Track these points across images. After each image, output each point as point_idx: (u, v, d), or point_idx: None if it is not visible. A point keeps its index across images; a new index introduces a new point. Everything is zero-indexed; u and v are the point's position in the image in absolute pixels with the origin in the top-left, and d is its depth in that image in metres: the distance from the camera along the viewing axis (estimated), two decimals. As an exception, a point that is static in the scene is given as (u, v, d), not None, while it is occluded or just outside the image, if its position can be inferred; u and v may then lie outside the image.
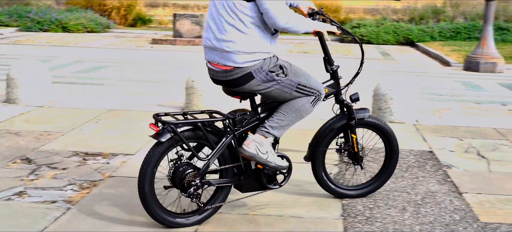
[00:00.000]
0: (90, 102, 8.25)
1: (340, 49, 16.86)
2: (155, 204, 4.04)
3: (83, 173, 5.21)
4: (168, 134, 3.93)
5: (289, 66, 4.17)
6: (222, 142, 4.09)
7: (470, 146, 6.53)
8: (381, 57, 15.36)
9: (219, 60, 4.06)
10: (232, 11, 3.96)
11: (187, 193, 4.03)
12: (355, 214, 4.47)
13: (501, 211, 4.63)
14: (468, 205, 4.74)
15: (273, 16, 3.94)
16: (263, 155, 4.15)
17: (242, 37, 3.97)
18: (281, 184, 4.39)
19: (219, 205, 4.23)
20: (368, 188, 4.85)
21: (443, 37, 18.41)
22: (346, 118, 4.59)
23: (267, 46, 4.06)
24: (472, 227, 4.30)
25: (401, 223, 4.33)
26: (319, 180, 4.70)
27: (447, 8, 20.72)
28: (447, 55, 15.10)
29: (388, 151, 4.81)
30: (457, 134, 7.05)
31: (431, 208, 4.64)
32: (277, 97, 4.20)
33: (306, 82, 4.21)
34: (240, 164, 4.22)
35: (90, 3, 22.05)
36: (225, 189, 4.25)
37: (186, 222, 4.15)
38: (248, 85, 4.08)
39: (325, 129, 4.60)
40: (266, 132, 4.17)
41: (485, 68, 13.01)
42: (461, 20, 19.49)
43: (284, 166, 4.30)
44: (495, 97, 9.90)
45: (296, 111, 4.21)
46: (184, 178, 4.03)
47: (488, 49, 13.16)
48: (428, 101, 9.19)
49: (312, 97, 4.23)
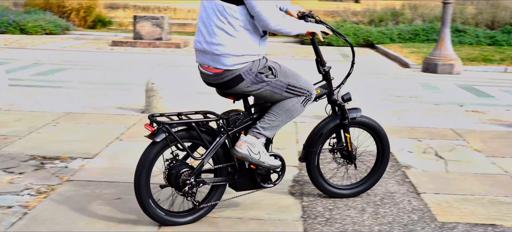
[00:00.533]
0: (48, 105, 8.14)
1: (301, 51, 16.95)
2: (151, 203, 4.11)
3: (41, 177, 5.13)
4: (163, 134, 4.02)
5: (278, 67, 4.26)
6: (216, 141, 4.18)
7: (428, 147, 6.62)
8: (342, 59, 15.47)
9: (210, 63, 4.14)
10: (221, 15, 4.03)
11: (182, 192, 4.12)
12: (315, 215, 4.49)
13: (458, 211, 4.70)
14: (426, 205, 4.80)
15: (265, 19, 4.02)
16: (255, 155, 4.24)
17: (231, 40, 4.04)
18: (275, 182, 4.47)
19: (214, 204, 4.32)
20: (362, 187, 4.95)
21: (402, 39, 18.63)
22: (339, 117, 4.70)
23: (256, 49, 4.13)
24: (429, 227, 4.35)
25: (360, 223, 4.36)
26: (314, 180, 4.79)
27: (406, 10, 20.98)
28: (406, 57, 15.29)
29: (380, 149, 4.92)
30: (416, 135, 7.14)
31: (390, 209, 4.69)
32: (268, 98, 4.29)
33: (296, 83, 4.29)
34: (234, 163, 4.31)
35: (49, 4, 21.74)
36: (220, 188, 4.35)
37: (182, 220, 4.23)
38: (239, 87, 4.17)
39: (319, 130, 4.69)
40: (257, 132, 4.27)
41: (443, 69, 13.22)
42: (420, 23, 19.74)
43: (277, 165, 4.39)
44: (453, 99, 10.06)
45: (287, 111, 4.30)
46: (179, 177, 4.11)
47: (445, 51, 13.37)
48: (387, 103, 9.29)
49: (302, 97, 4.32)
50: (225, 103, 5.12)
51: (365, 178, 5.00)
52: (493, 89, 11.28)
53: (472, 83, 11.99)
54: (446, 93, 10.56)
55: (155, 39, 16.95)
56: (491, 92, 10.98)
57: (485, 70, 14.09)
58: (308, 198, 4.85)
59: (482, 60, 14.90)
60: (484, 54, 15.72)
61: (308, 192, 4.97)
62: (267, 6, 4.01)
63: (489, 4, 20.49)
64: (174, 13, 23.81)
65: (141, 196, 4.07)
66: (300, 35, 4.23)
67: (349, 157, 4.84)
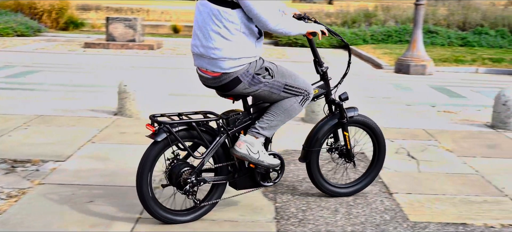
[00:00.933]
0: (20, 108, 8.04)
1: (274, 53, 16.96)
2: (153, 202, 4.17)
3: (11, 180, 5.07)
4: (164, 133, 4.09)
5: (275, 68, 4.32)
6: (216, 141, 4.25)
7: (401, 147, 6.67)
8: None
9: (207, 66, 4.18)
10: (217, 19, 4.06)
11: (183, 190, 4.19)
12: (288, 216, 4.50)
13: (430, 210, 4.75)
14: (398, 205, 4.84)
15: (264, 19, 4.05)
16: (254, 154, 4.31)
17: (227, 44, 4.07)
18: (275, 181, 4.56)
19: (215, 202, 4.39)
20: (360, 185, 5.03)
21: (375, 40, 18.76)
22: (338, 116, 4.79)
23: (252, 51, 4.17)
24: (402, 227, 4.39)
25: (333, 224, 4.38)
26: (314, 179, 4.85)
27: (379, 12, 21.15)
28: (379, 58, 15.40)
29: (377, 147, 5.01)
30: (388, 135, 7.19)
31: (362, 209, 4.71)
32: (266, 98, 4.35)
33: (293, 83, 4.35)
34: (234, 162, 4.39)
35: (20, 6, 21.52)
36: (220, 187, 4.42)
37: (184, 218, 4.29)
38: (237, 89, 4.22)
39: (318, 129, 4.76)
40: (256, 132, 4.33)
41: (415, 70, 13.33)
42: (392, 24, 19.90)
43: (276, 164, 4.45)
44: (425, 99, 10.15)
45: (285, 111, 4.35)
46: (180, 176, 4.18)
47: (418, 52, 13.49)
48: (360, 104, 9.33)
49: (300, 97, 4.38)
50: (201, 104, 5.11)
51: (363, 176, 5.08)
52: (465, 90, 11.40)
53: (444, 84, 12.11)
54: (418, 94, 10.65)
55: (128, 41, 16.86)
56: (463, 92, 11.10)
57: (456, 71, 14.24)
58: (281, 199, 4.86)
59: (453, 61, 15.07)
60: (455, 55, 15.90)
61: (282, 193, 4.98)
62: (265, 7, 4.04)
63: (461, 6, 20.74)
64: (147, 15, 23.74)
65: (143, 195, 4.11)
66: (299, 35, 4.43)
67: (348, 156, 4.90)
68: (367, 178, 5.06)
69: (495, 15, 20.00)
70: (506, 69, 14.44)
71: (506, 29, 19.12)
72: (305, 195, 4.95)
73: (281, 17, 4.15)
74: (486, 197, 5.11)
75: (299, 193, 5.00)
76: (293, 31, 4.25)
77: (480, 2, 21.36)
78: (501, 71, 14.36)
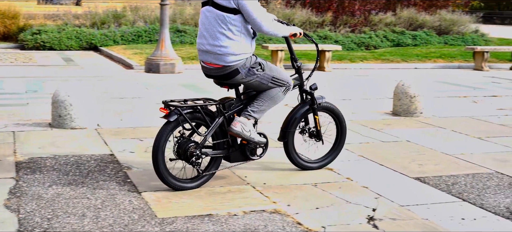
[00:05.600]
0: None
1: (20, 57, 16.17)
2: (165, 171, 5.11)
3: None
4: (175, 115, 5.06)
5: (265, 63, 5.38)
6: (215, 121, 5.25)
7: (150, 145, 6.73)
8: (64, 63, 15.09)
9: (212, 60, 5.22)
10: (223, 22, 5.12)
11: (190, 162, 5.14)
12: (33, 227, 4.33)
13: (177, 205, 4.88)
14: (146, 203, 4.90)
15: (259, 22, 5.12)
16: (247, 132, 5.30)
17: (231, 43, 5.13)
18: (261, 155, 5.55)
19: (213, 172, 5.38)
20: (326, 160, 6.01)
21: (125, 41, 18.71)
22: (309, 103, 5.77)
23: (248, 48, 5.25)
24: (150, 224, 4.45)
25: (80, 229, 4.31)
26: (290, 156, 5.81)
27: (127, 12, 21.07)
28: (130, 58, 15.41)
29: (339, 129, 6.02)
30: (138, 135, 7.25)
31: (110, 211, 4.69)
32: (257, 87, 5.40)
33: (279, 76, 5.43)
34: (228, 139, 5.37)
35: None
36: (217, 160, 5.39)
37: (190, 185, 5.24)
38: (235, 79, 5.27)
39: (294, 114, 5.75)
40: (248, 115, 5.34)
41: (165, 69, 13.56)
42: (142, 24, 20.00)
43: (263, 141, 5.49)
44: (174, 96, 10.29)
45: (271, 98, 5.41)
46: (187, 150, 5.13)
47: (166, 51, 13.73)
48: (110, 105, 9.28)
49: (283, 87, 5.46)
50: None
51: (328, 153, 6.04)
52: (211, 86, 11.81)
53: (193, 81, 12.47)
54: (168, 92, 10.84)
55: None
56: (209, 88, 11.51)
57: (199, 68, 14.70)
58: (25, 210, 4.65)
59: (201, 59, 15.55)
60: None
61: (26, 203, 4.78)
62: (261, 13, 5.12)
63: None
64: None
65: (159, 166, 5.04)
66: (284, 36, 5.47)
67: (318, 136, 5.89)
68: (332, 155, 6.03)
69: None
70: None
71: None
72: (51, 202, 4.81)
73: (272, 21, 5.27)
74: (230, 187, 5.38)
75: (45, 201, 4.84)
76: (280, 33, 5.34)
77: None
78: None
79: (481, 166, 6.32)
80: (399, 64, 16.79)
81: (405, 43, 20.62)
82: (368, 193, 5.33)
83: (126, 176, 5.60)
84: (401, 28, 21.76)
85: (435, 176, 5.89)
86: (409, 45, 20.56)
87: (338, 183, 5.61)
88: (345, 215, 4.80)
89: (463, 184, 5.67)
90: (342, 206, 4.99)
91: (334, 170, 5.98)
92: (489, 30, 24.49)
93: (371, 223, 4.64)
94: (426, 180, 5.76)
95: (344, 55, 17.44)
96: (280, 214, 4.76)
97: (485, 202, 5.20)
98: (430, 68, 16.69)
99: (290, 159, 5.84)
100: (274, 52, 14.80)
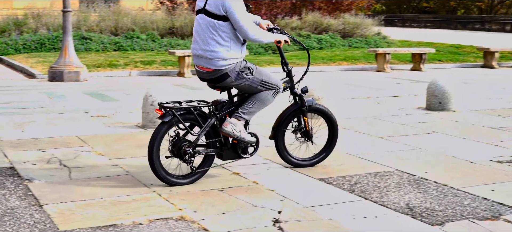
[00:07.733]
0: None
1: None
2: (160, 168, 5.45)
3: None
4: (169, 116, 5.41)
5: (255, 67, 5.68)
6: (208, 122, 5.59)
7: (53, 156, 6.58)
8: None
9: (204, 64, 5.58)
10: (213, 29, 5.48)
11: (183, 160, 5.50)
12: None
13: (80, 216, 4.77)
14: (48, 216, 4.77)
15: (245, 30, 5.46)
16: (237, 133, 5.63)
17: (221, 48, 5.48)
18: (252, 154, 5.88)
19: (206, 169, 5.72)
20: (317, 159, 6.34)
21: (27, 49, 18.13)
22: (299, 105, 6.10)
23: (238, 54, 5.58)
24: (51, 238, 4.33)
25: (-23, 247, 4.15)
26: (281, 153, 6.19)
27: (29, 20, 20.42)
28: (32, 67, 14.96)
29: (331, 129, 6.35)
30: (40, 146, 7.05)
31: (10, 226, 4.54)
32: (247, 90, 5.72)
33: (268, 80, 5.73)
34: (221, 139, 5.68)
35: None
36: (210, 158, 5.73)
37: (184, 181, 5.59)
38: (225, 82, 5.60)
39: (284, 114, 6.11)
40: (239, 116, 5.67)
41: (69, 77, 13.23)
42: (45, 32, 19.43)
43: (253, 141, 5.81)
44: (79, 105, 10.15)
45: (261, 101, 5.72)
46: (181, 148, 5.49)
47: (70, 59, 13.40)
48: (11, 116, 8.98)
49: (272, 90, 5.76)
50: None
51: (320, 153, 6.37)
52: (118, 94, 11.69)
53: (98, 89, 12.26)
54: (72, 101, 10.60)
55: None
56: (116, 96, 11.37)
57: (111, 76, 14.51)
58: None
59: (107, 66, 15.32)
60: (109, 59, 16.16)
61: None
62: (247, 22, 5.46)
63: (111, 11, 21.10)
64: None
65: (154, 163, 5.38)
66: (270, 43, 5.84)
67: (307, 135, 6.23)
68: (322, 155, 6.35)
69: (144, 19, 20.80)
70: (156, 71, 15.17)
71: (155, 33, 20.03)
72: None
73: (258, 29, 5.59)
74: (136, 196, 5.31)
75: None
76: (265, 40, 5.67)
77: (129, 7, 21.96)
78: (152, 73, 15.05)
79: (382, 164, 6.52)
80: (305, 67, 17.06)
81: (311, 47, 20.99)
82: (274, 196, 5.40)
83: (27, 189, 5.43)
84: (307, 31, 22.18)
85: (339, 176, 6.03)
86: (315, 49, 20.95)
87: (244, 187, 5.65)
88: (251, 218, 4.84)
89: (365, 183, 5.84)
90: (248, 210, 5.03)
91: (240, 174, 6.03)
92: (390, 33, 25.33)
93: (277, 225, 4.70)
94: (330, 181, 5.89)
95: (250, 60, 17.55)
96: (186, 221, 4.75)
97: (386, 199, 5.37)
98: (335, 71, 17.06)
99: (281, 156, 6.22)
100: (181, 58, 14.75)
